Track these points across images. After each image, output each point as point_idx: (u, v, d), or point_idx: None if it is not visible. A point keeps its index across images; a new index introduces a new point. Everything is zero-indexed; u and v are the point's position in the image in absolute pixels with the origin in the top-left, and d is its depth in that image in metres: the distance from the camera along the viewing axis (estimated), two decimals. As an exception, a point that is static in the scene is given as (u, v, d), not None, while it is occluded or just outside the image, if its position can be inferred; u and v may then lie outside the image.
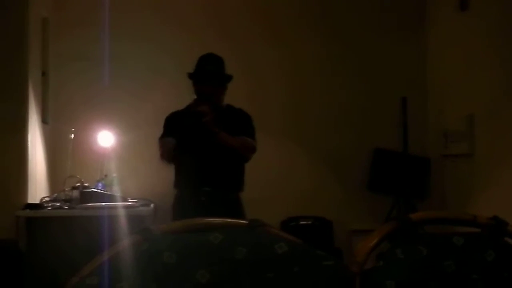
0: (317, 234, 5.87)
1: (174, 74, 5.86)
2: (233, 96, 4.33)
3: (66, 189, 5.15)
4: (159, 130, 4.29)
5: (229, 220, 2.18)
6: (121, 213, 4.83)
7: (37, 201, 5.04)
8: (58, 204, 4.99)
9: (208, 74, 4.16)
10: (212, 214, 2.18)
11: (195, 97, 4.23)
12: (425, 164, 6.10)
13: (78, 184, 5.14)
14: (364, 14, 6.29)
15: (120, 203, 5.00)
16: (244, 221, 2.16)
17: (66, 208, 4.94)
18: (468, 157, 5.37)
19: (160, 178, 4.66)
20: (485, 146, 5.14)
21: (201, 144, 4.08)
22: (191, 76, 4.23)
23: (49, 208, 4.93)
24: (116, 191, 5.34)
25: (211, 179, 4.10)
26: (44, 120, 5.55)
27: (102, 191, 5.21)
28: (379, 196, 6.05)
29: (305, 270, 2.03)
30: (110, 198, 5.09)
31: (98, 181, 5.44)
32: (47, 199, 5.13)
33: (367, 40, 6.25)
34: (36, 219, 4.86)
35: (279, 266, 2.03)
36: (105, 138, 5.61)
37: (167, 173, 4.26)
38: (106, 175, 5.53)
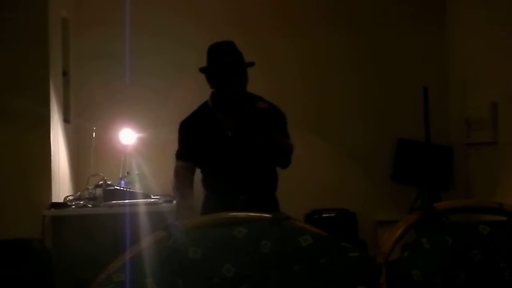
0: (341, 227, 5.85)
1: (196, 69, 5.85)
2: (252, 90, 4.28)
3: (90, 187, 5.18)
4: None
5: (253, 214, 2.18)
6: (144, 210, 4.85)
7: (61, 200, 5.07)
8: (82, 202, 5.02)
9: (230, 65, 3.70)
10: None
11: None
12: (448, 153, 6.07)
13: (101, 182, 5.16)
14: (384, 4, 6.24)
15: (143, 200, 5.02)
16: (268, 215, 2.16)
17: (90, 207, 4.96)
18: (491, 145, 5.32)
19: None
20: (509, 134, 5.08)
21: (240, 150, 3.74)
22: (205, 70, 3.78)
23: (74, 207, 4.96)
24: (139, 188, 5.36)
25: (248, 185, 3.74)
26: (66, 119, 5.58)
27: (125, 189, 5.23)
28: (403, 186, 6.02)
29: (331, 262, 2.03)
30: (133, 195, 5.11)
31: (121, 178, 5.46)
32: (70, 197, 5.16)
33: (387, 30, 6.21)
34: (61, 218, 4.89)
35: (305, 258, 2.03)
36: (127, 136, 5.62)
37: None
38: (128, 173, 5.55)
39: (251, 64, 3.80)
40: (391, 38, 6.20)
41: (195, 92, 5.55)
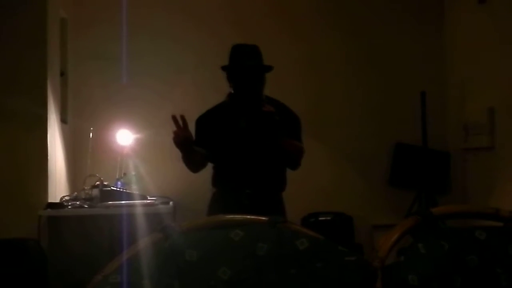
0: (337, 230, 5.85)
1: (194, 71, 5.86)
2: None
3: (86, 188, 5.17)
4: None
5: (250, 217, 2.18)
6: (141, 211, 4.84)
7: (57, 201, 5.06)
8: (78, 203, 5.01)
9: (250, 69, 3.80)
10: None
11: (213, 91, 4.03)
12: (445, 158, 6.07)
13: (98, 182, 5.16)
14: (383, 8, 6.25)
15: (139, 201, 5.02)
16: (264, 218, 2.16)
17: (86, 207, 4.96)
18: (489, 150, 5.32)
19: (179, 176, 4.66)
20: (506, 139, 5.09)
21: (253, 143, 3.81)
22: (226, 68, 3.86)
23: (70, 207, 4.95)
24: (135, 189, 5.36)
25: (255, 181, 3.81)
26: (63, 120, 5.58)
27: (121, 190, 5.23)
28: (400, 190, 6.02)
29: (328, 266, 2.03)
30: (130, 196, 5.10)
31: (118, 179, 5.45)
32: (67, 198, 5.16)
33: (385, 34, 6.22)
34: (57, 218, 4.89)
35: (301, 262, 2.03)
36: (124, 137, 5.62)
37: (186, 171, 4.24)
38: (125, 174, 5.54)
39: (269, 68, 3.89)
40: (389, 42, 6.21)
41: (193, 93, 5.56)
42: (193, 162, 3.84)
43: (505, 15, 5.08)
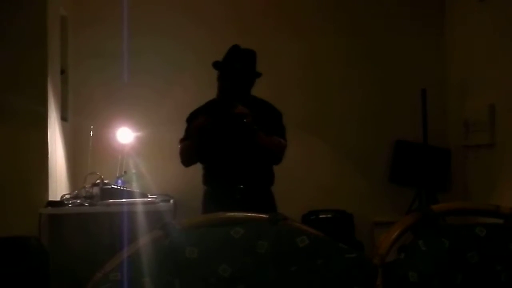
0: (338, 228, 5.85)
1: (195, 69, 5.86)
2: (253, 92, 4.29)
3: (87, 186, 5.17)
4: (179, 126, 4.19)
5: (250, 214, 2.17)
6: (141, 209, 4.84)
7: (58, 199, 5.06)
8: (79, 201, 5.01)
9: (234, 72, 3.94)
10: (246, 210, 2.18)
11: (214, 90, 4.09)
12: (446, 155, 6.07)
13: (98, 181, 5.16)
14: (383, 6, 6.25)
15: (140, 199, 5.02)
16: (265, 215, 2.16)
17: (87, 205, 4.96)
18: (489, 147, 5.32)
19: (179, 173, 4.66)
20: (507, 136, 5.08)
21: (235, 142, 3.95)
22: (216, 66, 3.98)
23: (70, 205, 4.95)
24: (136, 187, 5.36)
25: (245, 176, 3.94)
26: (63, 118, 5.58)
27: (122, 188, 5.23)
28: (401, 188, 6.02)
29: (328, 263, 2.03)
30: (130, 194, 5.10)
31: (118, 177, 5.45)
32: (67, 196, 5.16)
33: (386, 32, 6.22)
34: (58, 216, 4.89)
35: (302, 259, 2.03)
36: (125, 135, 5.62)
37: (186, 168, 4.26)
38: (125, 172, 5.54)
39: (257, 75, 4.01)
40: (390, 40, 6.21)
41: (193, 92, 5.56)
42: (195, 150, 4.01)
43: (505, 12, 5.07)
